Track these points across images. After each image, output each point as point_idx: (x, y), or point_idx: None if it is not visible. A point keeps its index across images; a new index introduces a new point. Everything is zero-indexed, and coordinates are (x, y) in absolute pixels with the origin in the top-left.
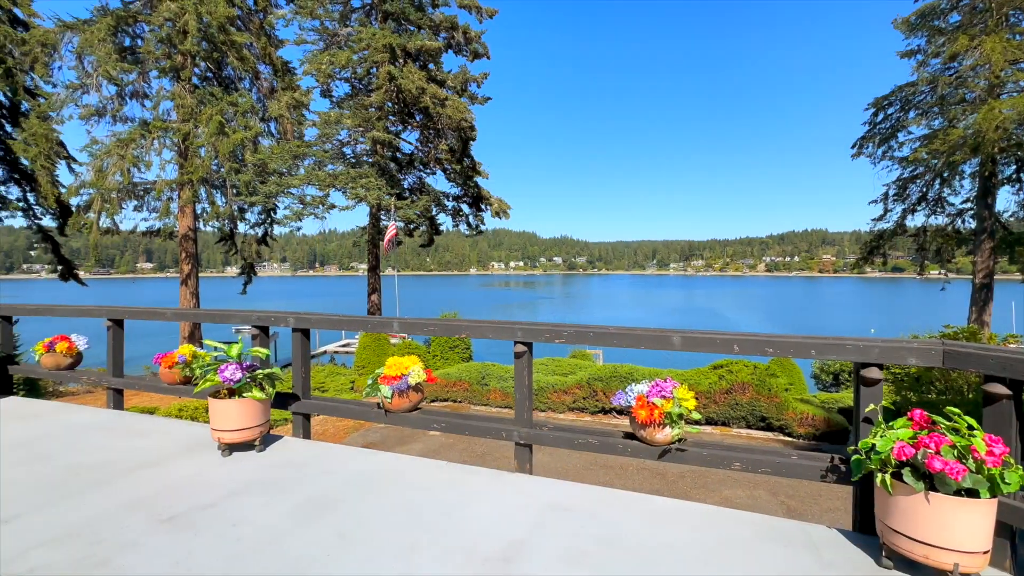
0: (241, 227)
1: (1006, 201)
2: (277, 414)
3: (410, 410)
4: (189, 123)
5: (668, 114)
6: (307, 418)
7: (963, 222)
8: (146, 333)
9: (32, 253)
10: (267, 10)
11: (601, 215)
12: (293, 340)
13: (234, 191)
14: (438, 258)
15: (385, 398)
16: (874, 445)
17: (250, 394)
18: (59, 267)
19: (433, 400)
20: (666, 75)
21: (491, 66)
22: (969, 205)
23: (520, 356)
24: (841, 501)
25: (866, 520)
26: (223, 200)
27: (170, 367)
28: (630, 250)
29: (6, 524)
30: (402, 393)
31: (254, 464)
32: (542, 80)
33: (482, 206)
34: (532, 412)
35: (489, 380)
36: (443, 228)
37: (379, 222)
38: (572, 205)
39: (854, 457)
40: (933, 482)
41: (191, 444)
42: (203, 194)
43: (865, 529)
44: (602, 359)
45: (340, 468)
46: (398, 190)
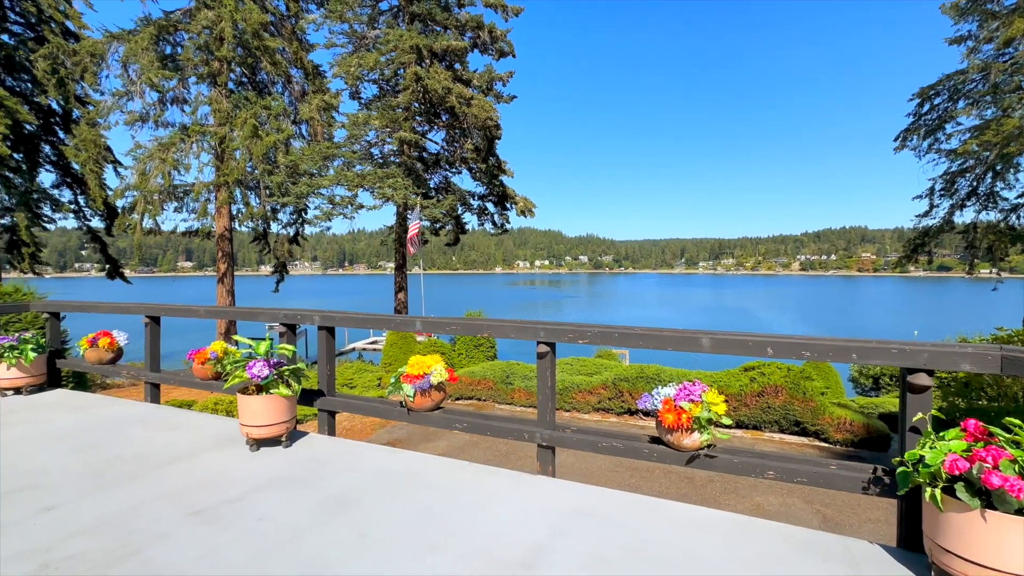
0: (274, 227)
1: None
2: (303, 410)
3: (432, 409)
4: (225, 127)
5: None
6: (332, 415)
7: (1018, 218)
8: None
9: (83, 252)
10: (298, 15)
11: (628, 213)
12: (319, 338)
13: (267, 192)
14: (464, 257)
15: (408, 396)
16: (923, 457)
17: (277, 391)
18: (106, 266)
19: (458, 398)
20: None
21: (517, 64)
22: None
23: (543, 356)
24: (882, 512)
25: (912, 536)
26: (257, 201)
27: (203, 363)
28: (657, 248)
29: (51, 511)
30: (424, 392)
31: (280, 460)
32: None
33: (507, 205)
34: (555, 413)
35: (513, 379)
36: (469, 227)
37: (406, 221)
38: (598, 203)
39: (900, 469)
40: (991, 499)
41: (222, 438)
42: (238, 195)
43: (911, 546)
44: (628, 359)
45: (362, 466)
46: (424, 189)
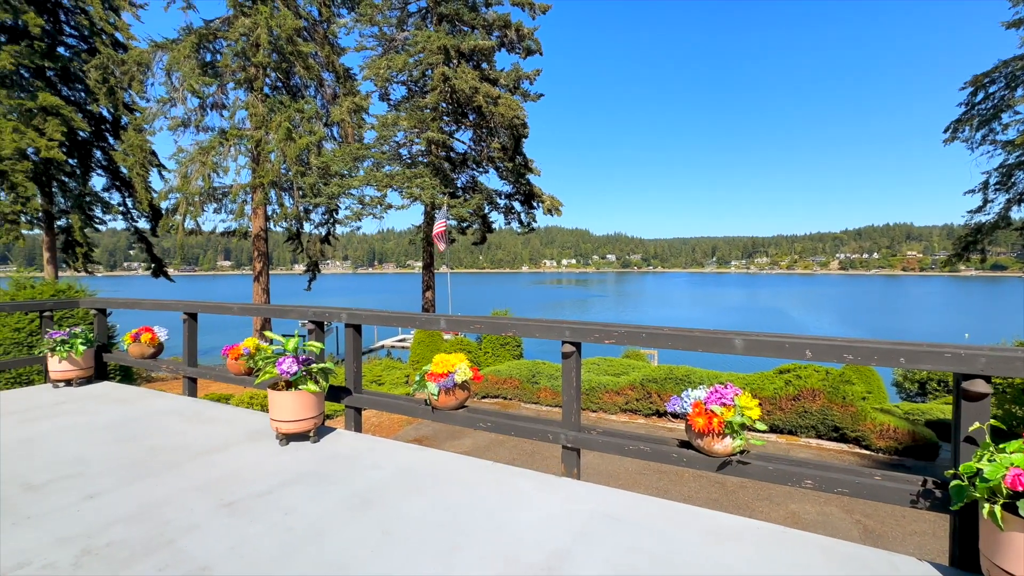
0: (307, 227)
1: None
2: (332, 406)
3: (456, 408)
4: (260, 130)
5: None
6: (358, 411)
7: None
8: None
9: (131, 252)
10: (330, 20)
11: (657, 211)
12: (346, 335)
13: (300, 193)
14: (490, 256)
15: (432, 395)
16: (980, 470)
17: (305, 387)
18: (152, 265)
19: (483, 396)
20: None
21: (544, 62)
22: None
23: (568, 356)
24: (929, 524)
25: (967, 555)
26: (291, 202)
27: (236, 359)
28: (687, 247)
29: (94, 499)
30: (448, 391)
31: (308, 455)
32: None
33: (534, 203)
34: (580, 415)
35: (539, 378)
36: (495, 226)
37: (433, 221)
38: (626, 201)
39: (954, 483)
40: None
41: (254, 432)
42: (273, 196)
43: (965, 565)
44: (657, 360)
45: (387, 463)
46: (451, 189)
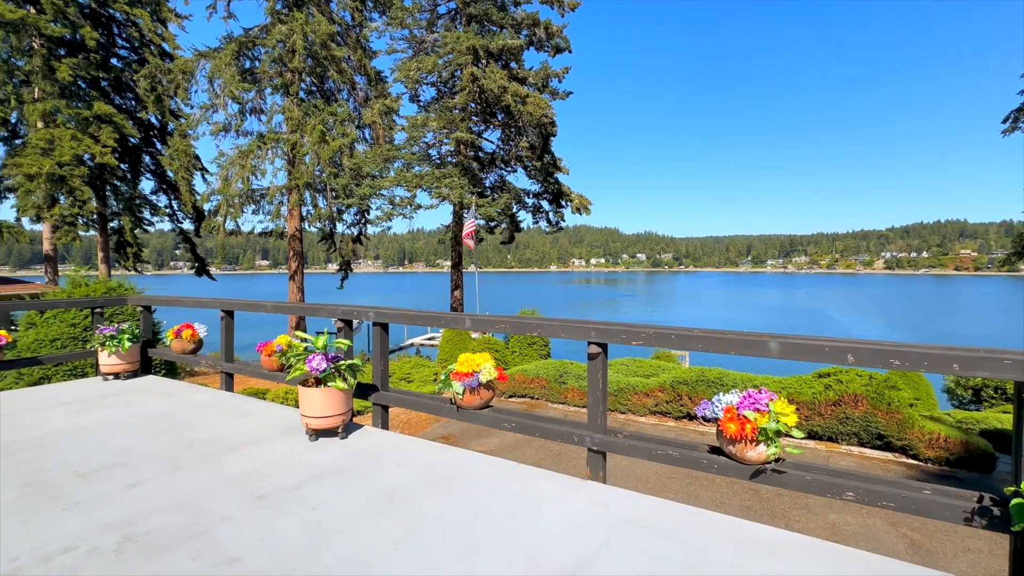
0: (339, 227)
1: None
2: (360, 403)
3: (481, 407)
4: (296, 134)
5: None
6: (385, 409)
7: None
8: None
9: (177, 252)
10: (362, 24)
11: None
12: (373, 334)
13: (333, 194)
14: (519, 255)
15: (457, 394)
16: None
17: (334, 384)
18: (195, 264)
19: (511, 396)
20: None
21: (573, 60)
22: None
23: (594, 358)
24: (985, 541)
25: None
26: (324, 203)
27: (269, 355)
28: (721, 246)
29: (136, 488)
30: (473, 390)
31: (336, 451)
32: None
33: (562, 202)
34: (607, 417)
35: (567, 378)
36: (523, 225)
37: (462, 220)
38: (657, 199)
39: (1015, 501)
40: None
41: (286, 428)
42: (308, 197)
43: None
44: (688, 361)
45: (412, 461)
46: (480, 188)
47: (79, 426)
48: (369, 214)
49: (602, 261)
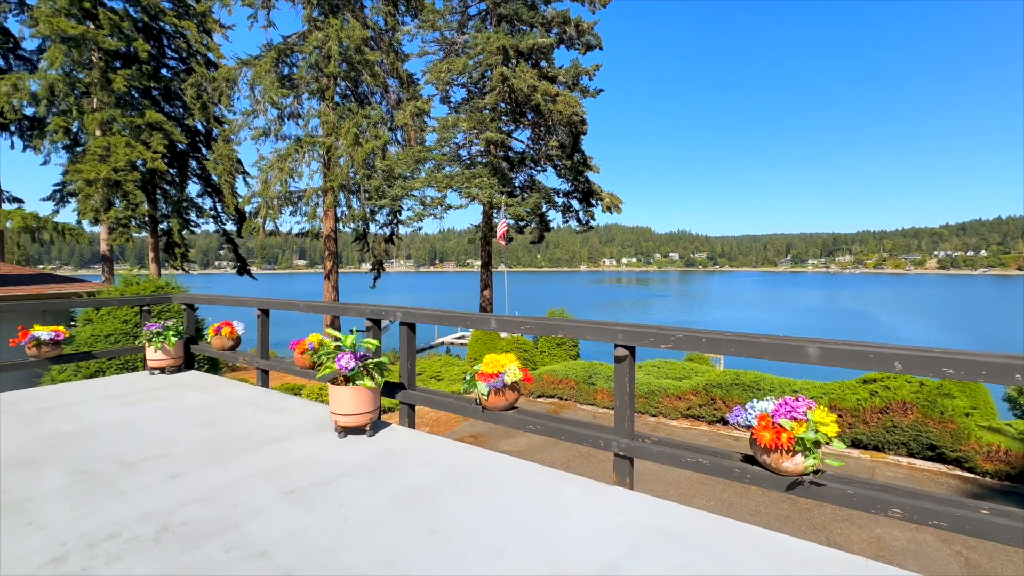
0: (372, 228)
1: None
2: (388, 402)
3: (506, 409)
4: (331, 137)
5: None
6: (412, 408)
7: None
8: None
9: (221, 252)
10: (395, 28)
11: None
12: (401, 333)
13: (366, 195)
14: (548, 255)
15: (482, 395)
16: None
17: (362, 382)
18: (237, 264)
19: (539, 396)
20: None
21: (603, 57)
22: None
23: (621, 360)
24: None
25: None
26: (358, 203)
27: (302, 353)
28: (758, 245)
29: (175, 479)
30: (498, 391)
31: (363, 448)
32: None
33: (593, 201)
34: (634, 421)
35: (596, 380)
36: (553, 225)
37: (492, 220)
38: (691, 197)
39: None
40: None
41: (316, 424)
42: (342, 199)
43: None
44: (723, 364)
45: (437, 460)
46: (509, 188)
47: (126, 418)
48: (401, 214)
49: (633, 261)
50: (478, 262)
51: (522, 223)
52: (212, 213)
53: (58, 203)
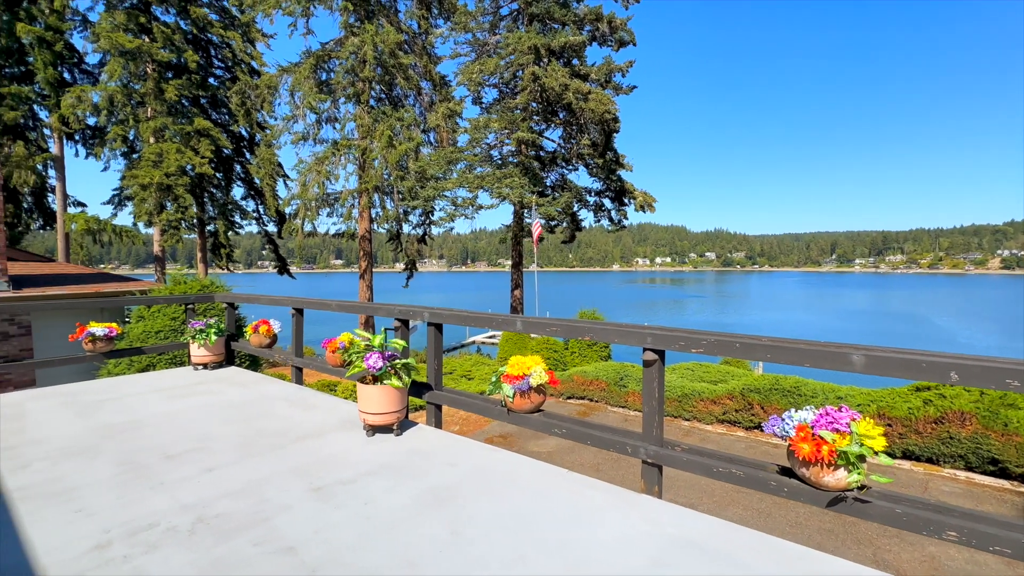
0: (405, 228)
1: None
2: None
3: (532, 411)
4: (366, 140)
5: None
6: (439, 408)
7: None
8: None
9: (263, 252)
10: (428, 31)
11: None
12: (428, 334)
13: (399, 196)
14: (580, 254)
15: (507, 397)
16: None
17: (389, 382)
18: (278, 264)
19: (568, 397)
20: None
21: (637, 53)
22: None
23: (650, 365)
24: None
25: None
26: (391, 204)
27: (333, 351)
28: (801, 244)
29: (211, 472)
30: (524, 393)
31: (390, 447)
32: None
33: (625, 200)
34: (663, 428)
35: (627, 381)
36: (585, 224)
37: (522, 220)
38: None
39: None
40: None
41: (346, 422)
42: (376, 200)
43: None
44: (761, 367)
45: (462, 462)
46: (540, 188)
47: (170, 411)
48: (433, 215)
49: (668, 260)
50: (509, 262)
51: (553, 223)
52: (255, 215)
53: (116, 207)
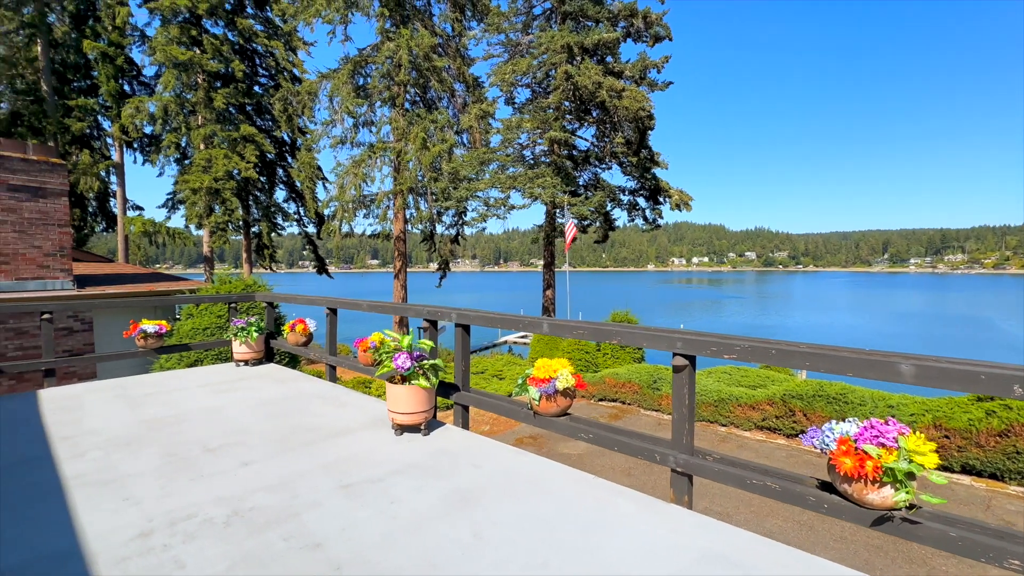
0: (439, 228)
1: None
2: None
3: (558, 415)
4: (401, 142)
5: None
6: (466, 409)
7: None
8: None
9: (304, 253)
10: (462, 34)
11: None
12: (455, 335)
13: (433, 197)
14: (614, 254)
15: (533, 400)
16: None
17: (417, 382)
18: (317, 264)
19: (600, 399)
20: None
21: (673, 48)
22: None
23: (680, 370)
24: None
25: None
26: (425, 205)
27: (364, 350)
28: (849, 242)
29: (248, 467)
30: (550, 397)
31: (417, 447)
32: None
33: (660, 199)
34: (693, 435)
35: (661, 384)
36: (618, 223)
37: (555, 220)
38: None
39: None
40: None
41: (376, 420)
42: (411, 201)
43: None
44: (805, 372)
45: (487, 463)
46: (573, 187)
47: (213, 406)
48: (466, 215)
49: (705, 260)
50: (541, 262)
51: (586, 222)
52: (296, 217)
53: (170, 210)
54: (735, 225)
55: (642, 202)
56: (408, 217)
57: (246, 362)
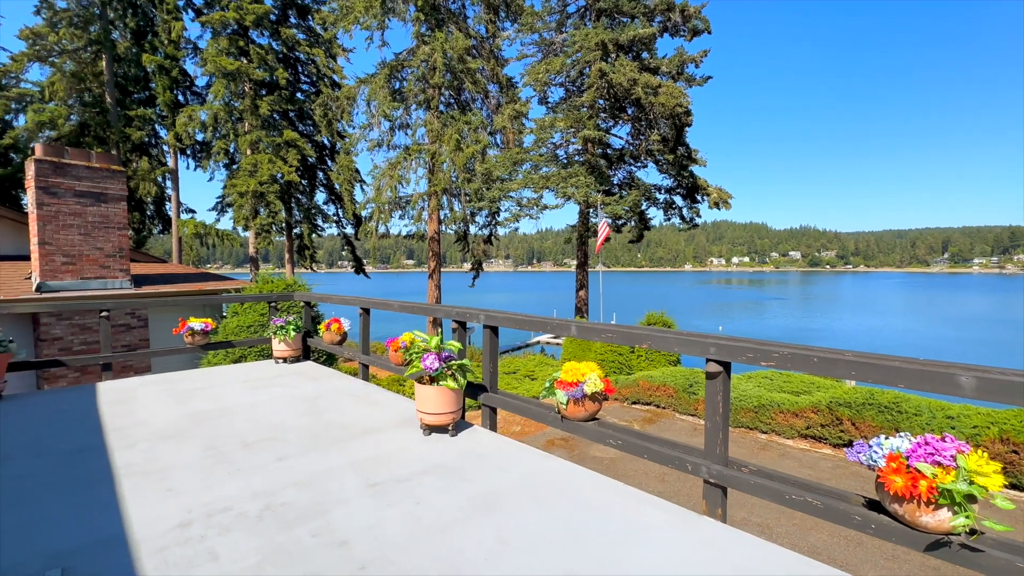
0: (472, 229)
1: None
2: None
3: (586, 419)
4: (435, 144)
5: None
6: (493, 410)
7: None
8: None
9: (343, 253)
10: (495, 35)
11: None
12: (483, 336)
13: (466, 198)
14: (649, 254)
15: (560, 403)
16: None
17: (445, 383)
18: (355, 264)
19: (634, 402)
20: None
21: (712, 42)
22: None
23: (714, 377)
24: None
25: None
26: (459, 206)
27: (395, 351)
28: (904, 241)
29: (282, 462)
30: (577, 401)
31: (444, 447)
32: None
33: (698, 197)
34: (727, 445)
35: (697, 388)
36: (654, 222)
37: (588, 219)
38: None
39: None
40: None
41: (405, 420)
42: (445, 202)
43: None
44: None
45: (514, 467)
46: (607, 186)
47: (252, 401)
48: (499, 216)
49: (746, 260)
50: (575, 262)
51: (620, 221)
52: (335, 218)
53: (219, 213)
54: (778, 224)
55: (679, 200)
56: (442, 218)
57: (284, 359)
